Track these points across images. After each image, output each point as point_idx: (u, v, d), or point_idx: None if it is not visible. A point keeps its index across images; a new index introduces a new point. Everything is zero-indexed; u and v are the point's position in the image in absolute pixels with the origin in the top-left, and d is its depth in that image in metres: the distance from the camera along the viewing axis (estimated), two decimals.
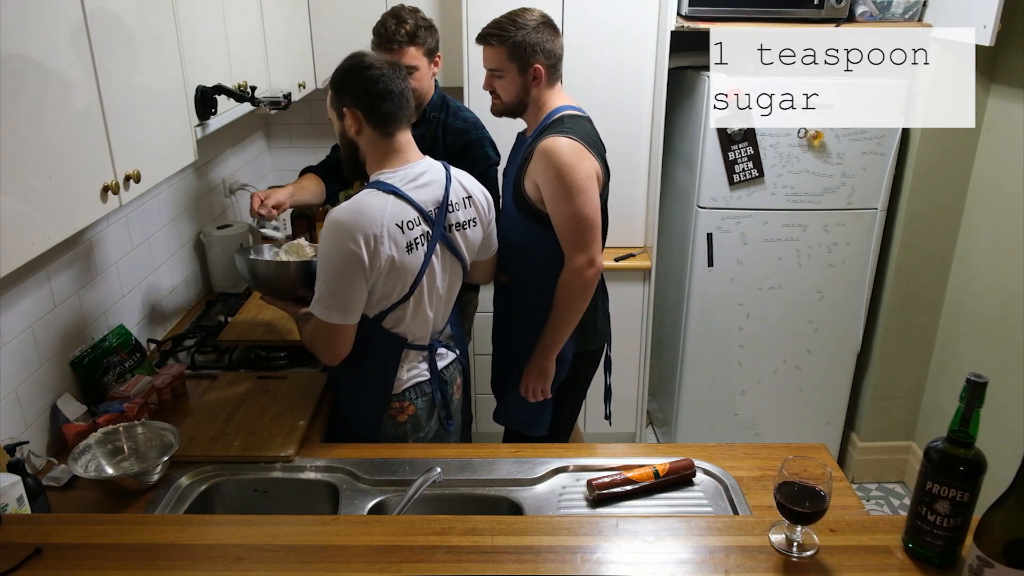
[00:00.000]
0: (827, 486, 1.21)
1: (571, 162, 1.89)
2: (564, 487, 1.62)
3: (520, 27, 1.95)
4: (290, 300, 1.84)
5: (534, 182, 1.95)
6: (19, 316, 1.65)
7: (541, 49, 1.96)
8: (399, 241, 1.64)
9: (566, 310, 2.00)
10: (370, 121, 1.68)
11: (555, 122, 1.98)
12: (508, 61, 1.97)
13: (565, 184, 1.89)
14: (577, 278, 1.96)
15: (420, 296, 1.74)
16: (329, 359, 1.72)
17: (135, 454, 1.65)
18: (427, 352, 1.83)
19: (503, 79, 2.00)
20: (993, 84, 2.63)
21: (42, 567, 1.21)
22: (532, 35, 1.94)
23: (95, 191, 1.34)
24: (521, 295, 2.12)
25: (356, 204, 1.62)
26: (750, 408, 3.11)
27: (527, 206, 2.00)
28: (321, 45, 2.91)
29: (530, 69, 1.97)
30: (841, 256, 2.89)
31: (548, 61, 1.98)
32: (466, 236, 1.81)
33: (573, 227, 1.94)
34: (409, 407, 1.82)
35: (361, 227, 1.58)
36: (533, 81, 1.98)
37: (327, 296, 1.63)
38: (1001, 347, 2.58)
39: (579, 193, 1.90)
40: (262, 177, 3.30)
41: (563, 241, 1.97)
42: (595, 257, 1.97)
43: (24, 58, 1.16)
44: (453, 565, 1.21)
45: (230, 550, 1.24)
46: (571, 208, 1.91)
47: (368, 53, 1.71)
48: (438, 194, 1.74)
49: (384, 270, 1.63)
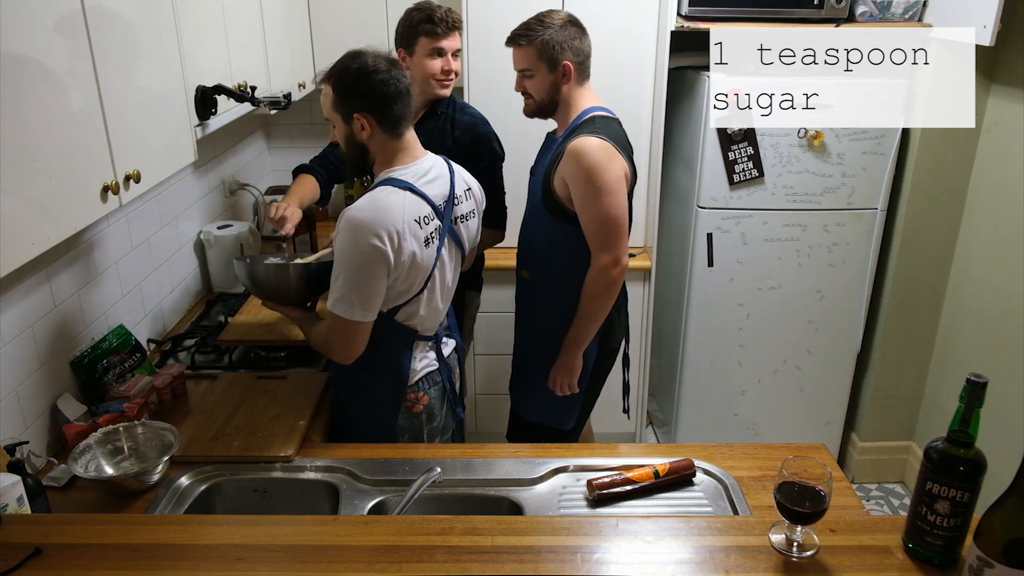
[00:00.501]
0: (827, 486, 1.21)
1: (601, 162, 1.94)
2: (564, 487, 1.62)
3: (547, 26, 2.00)
4: (292, 304, 1.84)
5: (563, 181, 2.00)
6: (19, 316, 1.65)
7: (569, 46, 2.01)
8: (419, 236, 1.66)
9: (593, 308, 2.06)
10: (382, 124, 1.68)
11: (586, 122, 2.03)
12: (537, 60, 2.02)
13: (595, 184, 1.94)
14: (604, 276, 2.02)
15: (433, 289, 1.76)
16: (345, 358, 1.71)
17: (135, 454, 1.65)
18: (433, 342, 1.85)
19: (534, 78, 2.05)
20: (993, 84, 2.63)
21: (42, 567, 1.21)
22: (559, 33, 2.00)
23: (95, 191, 1.34)
24: (544, 292, 2.18)
25: (375, 202, 1.62)
26: (750, 408, 3.11)
27: (556, 205, 2.05)
28: (321, 45, 2.91)
29: (559, 66, 2.01)
30: (841, 256, 2.89)
31: (576, 59, 2.03)
32: (467, 227, 1.85)
33: (601, 227, 1.99)
34: (423, 397, 1.83)
35: (384, 224, 1.59)
36: (563, 78, 2.03)
37: (350, 294, 1.62)
38: (1001, 347, 2.58)
39: (608, 193, 1.95)
40: (262, 177, 3.30)
41: (591, 240, 2.02)
42: (621, 256, 2.03)
43: (24, 58, 1.16)
44: (453, 565, 1.21)
45: (230, 550, 1.24)
46: (600, 208, 1.97)
47: (366, 52, 1.68)
48: (445, 188, 1.77)
49: (406, 266, 1.64)
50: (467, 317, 2.62)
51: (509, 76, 2.15)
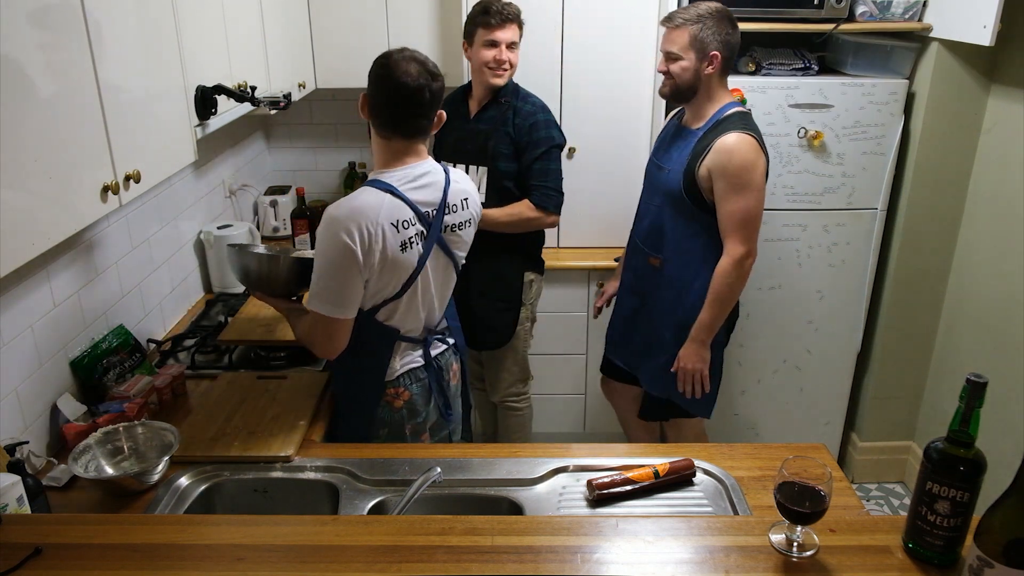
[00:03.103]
0: (827, 486, 1.21)
1: (752, 160, 2.09)
2: (564, 487, 1.62)
3: (704, 14, 2.12)
4: (281, 296, 1.85)
5: (708, 172, 2.12)
6: (19, 316, 1.65)
7: (722, 39, 2.12)
8: (393, 239, 1.66)
9: (727, 296, 2.19)
10: (376, 121, 1.71)
11: (733, 118, 2.15)
12: (689, 46, 2.13)
13: (744, 180, 2.09)
14: (739, 267, 2.15)
15: (413, 294, 1.76)
16: (326, 353, 1.74)
17: (135, 454, 1.65)
18: (421, 345, 1.86)
19: (681, 61, 2.15)
20: (993, 84, 2.63)
21: (42, 567, 1.21)
22: (715, 23, 2.11)
23: (95, 191, 1.34)
24: (672, 279, 2.29)
25: (351, 200, 1.65)
26: (750, 408, 3.11)
27: (698, 196, 2.16)
28: (321, 45, 2.91)
29: (708, 56, 2.12)
30: (841, 256, 2.89)
31: (725, 52, 2.13)
32: (460, 237, 1.84)
33: (742, 220, 2.12)
34: (404, 392, 1.84)
35: (356, 221, 1.60)
36: (708, 67, 2.13)
37: (324, 290, 1.64)
38: (1001, 347, 2.58)
39: (755, 190, 2.10)
40: (262, 177, 3.30)
41: (729, 231, 2.14)
42: (754, 249, 2.17)
43: (24, 58, 1.16)
44: (453, 565, 1.21)
45: (230, 550, 1.24)
46: (745, 203, 2.10)
47: (395, 52, 1.68)
48: (436, 196, 1.75)
49: (376, 266, 1.65)
50: (526, 301, 2.65)
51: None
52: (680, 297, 2.27)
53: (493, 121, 2.46)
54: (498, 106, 2.47)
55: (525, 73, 2.69)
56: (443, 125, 1.79)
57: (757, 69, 2.72)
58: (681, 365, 2.26)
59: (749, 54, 2.76)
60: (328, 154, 3.40)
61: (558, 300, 2.98)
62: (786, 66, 2.72)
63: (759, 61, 2.72)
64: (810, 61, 2.74)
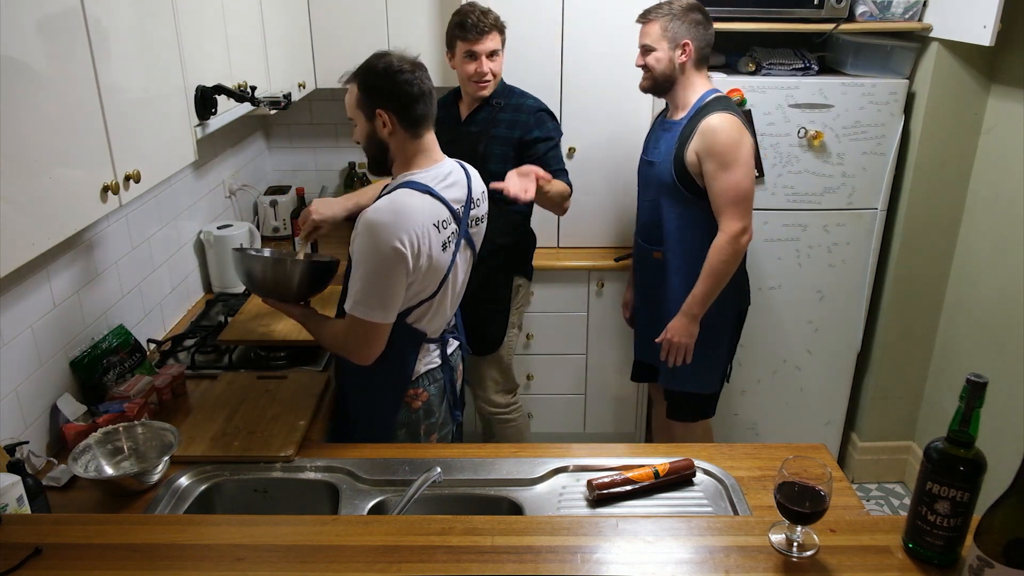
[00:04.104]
0: (827, 486, 1.21)
1: (737, 137, 2.15)
2: (564, 487, 1.62)
3: (673, 8, 2.21)
4: (291, 301, 1.84)
5: (696, 156, 2.18)
6: (19, 316, 1.65)
7: (691, 29, 2.20)
8: (437, 240, 1.67)
9: (722, 273, 2.23)
10: (403, 123, 1.68)
11: (713, 102, 2.22)
12: (660, 37, 2.22)
13: (731, 156, 2.14)
14: (734, 244, 2.20)
15: (444, 293, 1.76)
16: (363, 359, 1.71)
17: (135, 454, 1.65)
18: (439, 343, 1.86)
19: (655, 52, 2.23)
20: (993, 84, 2.63)
21: (42, 567, 1.21)
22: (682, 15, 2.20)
23: (95, 191, 1.34)
24: (676, 269, 2.34)
25: (394, 204, 1.63)
26: (750, 408, 3.11)
27: (690, 182, 2.23)
28: (321, 45, 2.91)
29: (679, 45, 2.20)
30: (841, 256, 2.89)
31: (696, 42, 2.21)
32: (480, 229, 1.86)
33: (734, 197, 2.17)
34: (423, 393, 1.84)
35: (404, 227, 1.59)
36: (682, 55, 2.21)
37: (369, 296, 1.63)
38: (1001, 347, 2.58)
39: (742, 166, 2.16)
40: (262, 177, 3.30)
41: (722, 209, 2.19)
42: (750, 226, 2.22)
43: (24, 58, 1.16)
44: (453, 565, 1.21)
45: (230, 550, 1.24)
46: (734, 179, 2.15)
47: (391, 53, 1.70)
48: (463, 193, 1.77)
49: (424, 269, 1.65)
50: (515, 308, 2.63)
51: None
52: (686, 286, 2.30)
53: (484, 123, 2.46)
54: (489, 108, 2.47)
55: (525, 73, 2.70)
56: (435, 127, 1.78)
57: (757, 69, 2.72)
58: (668, 336, 2.31)
59: (749, 54, 2.76)
60: (328, 154, 3.40)
61: (558, 300, 2.98)
62: (786, 66, 2.72)
63: (759, 61, 2.72)
64: (810, 61, 2.74)
